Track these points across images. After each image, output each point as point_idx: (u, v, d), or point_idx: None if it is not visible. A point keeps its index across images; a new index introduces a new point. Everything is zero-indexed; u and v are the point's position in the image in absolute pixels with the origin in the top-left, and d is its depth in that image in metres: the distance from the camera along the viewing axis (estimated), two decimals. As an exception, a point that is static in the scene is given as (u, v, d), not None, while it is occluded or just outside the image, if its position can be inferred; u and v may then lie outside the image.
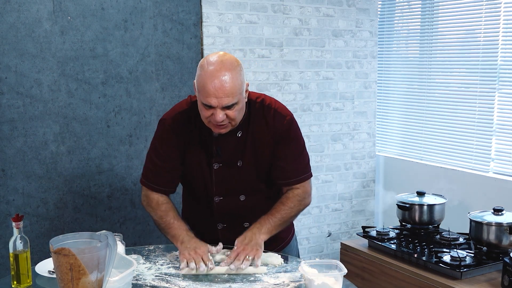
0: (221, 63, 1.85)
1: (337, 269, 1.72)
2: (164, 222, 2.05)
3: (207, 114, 1.89)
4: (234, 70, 1.86)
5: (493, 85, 3.25)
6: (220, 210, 2.09)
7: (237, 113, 1.90)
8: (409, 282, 2.39)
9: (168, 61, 3.26)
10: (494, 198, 3.10)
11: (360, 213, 4.08)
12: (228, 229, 2.12)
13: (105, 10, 3.05)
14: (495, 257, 2.35)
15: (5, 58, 2.84)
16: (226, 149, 2.02)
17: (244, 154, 2.02)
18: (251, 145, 2.02)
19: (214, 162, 2.03)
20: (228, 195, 2.07)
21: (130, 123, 3.19)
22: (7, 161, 2.90)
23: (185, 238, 1.96)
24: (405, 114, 3.94)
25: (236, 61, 1.91)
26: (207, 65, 1.86)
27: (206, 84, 1.84)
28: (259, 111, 2.02)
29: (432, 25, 3.68)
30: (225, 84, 1.82)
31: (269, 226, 1.98)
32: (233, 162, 2.03)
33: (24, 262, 1.75)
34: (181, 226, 2.02)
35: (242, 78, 1.89)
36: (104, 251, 1.43)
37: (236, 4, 3.43)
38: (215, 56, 1.89)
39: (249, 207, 2.09)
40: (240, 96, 1.88)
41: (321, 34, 3.75)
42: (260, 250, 1.91)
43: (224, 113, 1.86)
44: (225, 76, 1.83)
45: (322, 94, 3.81)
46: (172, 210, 2.06)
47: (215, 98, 1.83)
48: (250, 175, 2.05)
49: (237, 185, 2.06)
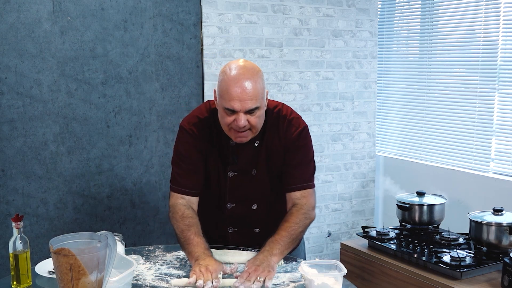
0: (244, 68, 1.89)
1: (337, 269, 1.72)
2: (184, 237, 1.96)
3: (229, 120, 1.91)
4: (256, 75, 1.90)
5: (493, 85, 3.25)
6: (231, 216, 2.11)
7: (258, 119, 1.93)
8: (409, 282, 2.39)
9: (168, 61, 3.26)
10: (494, 198, 3.10)
11: (360, 213, 4.08)
12: (238, 232, 2.13)
13: (105, 10, 3.05)
14: (495, 257, 2.35)
15: (5, 58, 2.84)
16: (242, 158, 2.04)
17: (258, 163, 2.05)
18: (265, 154, 2.05)
19: (230, 170, 2.06)
20: (241, 202, 2.09)
21: (130, 123, 3.19)
22: (7, 161, 2.90)
23: (200, 255, 1.86)
24: (405, 114, 3.94)
25: (257, 67, 1.95)
26: (229, 71, 1.89)
27: (230, 88, 1.86)
28: (275, 121, 2.05)
29: (432, 25, 3.68)
30: (248, 87, 1.85)
31: (279, 247, 1.92)
32: (248, 170, 2.06)
33: (24, 262, 1.75)
34: (200, 244, 1.92)
35: (263, 84, 1.92)
36: (104, 251, 1.43)
37: (236, 4, 3.43)
38: (237, 62, 1.93)
39: (261, 215, 2.10)
40: (262, 102, 1.91)
41: (321, 34, 3.75)
42: (273, 272, 1.83)
43: (246, 118, 1.88)
44: (248, 80, 1.86)
45: (322, 94, 3.81)
46: (195, 226, 1.98)
47: (238, 102, 1.86)
48: (263, 184, 2.07)
49: (250, 193, 2.08)
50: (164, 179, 3.32)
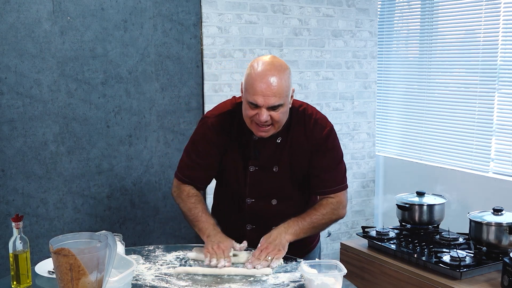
0: (271, 64, 1.90)
1: (337, 269, 1.72)
2: (192, 215, 2.07)
3: (252, 113, 1.92)
4: (283, 72, 1.90)
5: (493, 85, 3.25)
6: (250, 212, 2.12)
7: (281, 115, 1.93)
8: (409, 282, 2.39)
9: (167, 61, 3.26)
10: (493, 198, 3.10)
11: (360, 213, 4.08)
12: (256, 230, 2.13)
13: (104, 10, 3.05)
14: (494, 257, 2.35)
15: (5, 58, 2.84)
16: (264, 153, 2.05)
17: (280, 160, 2.05)
18: (289, 152, 2.05)
19: (251, 164, 2.06)
20: (260, 198, 2.10)
21: (130, 123, 3.19)
22: (7, 161, 2.90)
23: (211, 232, 1.98)
24: (405, 114, 3.94)
25: (286, 65, 1.95)
26: (257, 65, 1.91)
27: (255, 83, 1.88)
28: (300, 120, 2.06)
29: (432, 25, 3.68)
30: (273, 84, 1.86)
31: (296, 228, 1.98)
32: (269, 166, 2.06)
33: (24, 262, 1.75)
34: (209, 220, 2.04)
35: (289, 82, 1.93)
36: (104, 251, 1.43)
37: (236, 4, 3.43)
38: (266, 57, 1.94)
39: (280, 211, 2.10)
40: (286, 99, 1.92)
41: (321, 34, 3.75)
42: (283, 251, 1.90)
43: (268, 113, 1.89)
44: (274, 77, 1.87)
45: (322, 94, 3.81)
46: (201, 203, 2.09)
47: (262, 97, 1.87)
48: (284, 181, 2.08)
49: (270, 189, 2.09)
50: (164, 179, 3.32)
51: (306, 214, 2.03)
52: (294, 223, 1.99)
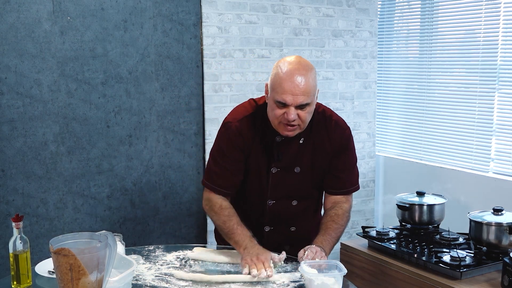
0: (299, 64, 1.92)
1: (337, 269, 1.72)
2: (227, 228, 2.02)
3: (279, 113, 1.93)
4: (310, 71, 1.93)
5: (493, 85, 3.25)
6: (271, 213, 2.13)
7: (308, 115, 1.95)
8: (409, 282, 2.39)
9: (168, 61, 3.26)
10: (493, 198, 3.10)
11: (360, 213, 4.08)
12: (274, 231, 2.15)
13: (104, 10, 3.05)
14: (495, 257, 2.34)
15: (5, 58, 2.84)
16: (286, 154, 2.06)
17: (302, 160, 2.08)
18: (311, 152, 2.07)
19: (273, 166, 2.07)
20: (282, 199, 2.12)
21: (130, 123, 3.19)
22: (7, 161, 2.90)
23: (248, 244, 1.94)
24: (405, 114, 3.94)
25: (311, 64, 1.97)
26: (284, 65, 1.92)
27: (284, 81, 1.89)
28: (321, 121, 2.08)
29: (432, 25, 3.68)
30: (302, 82, 1.88)
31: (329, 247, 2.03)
32: (291, 167, 2.08)
33: (24, 262, 1.75)
34: (245, 232, 1.99)
35: (315, 81, 1.95)
36: (104, 251, 1.43)
37: (236, 4, 3.43)
38: (292, 57, 1.96)
39: (300, 212, 2.14)
40: (313, 98, 1.94)
41: (321, 34, 3.75)
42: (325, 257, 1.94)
43: (296, 112, 1.91)
44: (302, 76, 1.89)
45: (322, 94, 3.81)
46: (235, 216, 2.04)
47: (291, 95, 1.88)
48: (306, 181, 2.10)
49: (292, 190, 2.11)
50: (164, 179, 3.32)
51: (331, 230, 2.06)
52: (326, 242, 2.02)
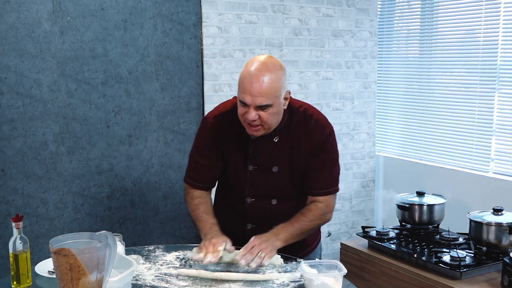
0: (264, 64, 1.90)
1: (337, 269, 1.72)
2: (194, 216, 2.10)
3: (242, 111, 1.94)
4: (274, 73, 1.89)
5: (493, 85, 3.25)
6: (251, 211, 2.13)
7: (270, 116, 1.92)
8: (409, 282, 2.39)
9: (167, 61, 3.26)
10: (493, 198, 3.10)
11: (360, 213, 4.08)
12: (256, 230, 2.13)
13: (104, 10, 3.05)
14: (494, 257, 2.35)
15: (5, 58, 2.84)
16: (262, 152, 2.05)
17: (280, 160, 2.06)
18: (288, 152, 2.05)
19: (250, 163, 2.07)
20: (261, 197, 2.11)
21: (130, 123, 3.19)
22: (7, 161, 2.90)
23: (208, 231, 2.00)
24: (405, 114, 3.94)
25: (280, 65, 1.94)
26: (250, 64, 1.92)
27: (244, 81, 1.89)
28: (301, 120, 2.06)
29: (432, 25, 3.68)
30: (261, 84, 1.86)
31: (286, 234, 1.97)
32: (268, 166, 2.07)
33: (24, 262, 1.75)
34: (208, 220, 2.05)
35: (281, 82, 1.92)
36: (104, 251, 1.43)
37: (236, 4, 3.43)
38: (261, 57, 1.95)
39: (280, 211, 2.11)
40: (275, 100, 1.91)
41: (321, 34, 3.75)
42: (274, 252, 1.90)
43: (256, 113, 1.90)
44: (264, 77, 1.87)
45: (322, 94, 3.81)
46: (204, 204, 2.11)
47: (249, 96, 1.88)
48: (284, 181, 2.08)
49: (270, 189, 2.09)
50: (164, 179, 3.32)
51: (295, 220, 2.02)
52: (283, 229, 1.98)
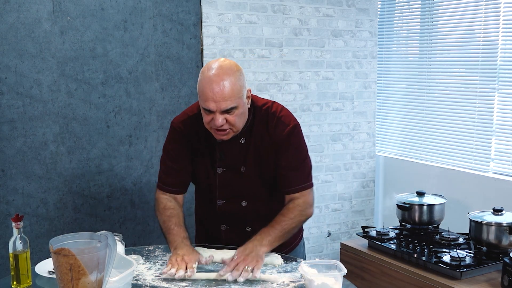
0: (220, 68, 1.88)
1: (337, 269, 1.72)
2: (165, 227, 2.05)
3: (208, 119, 1.92)
4: (232, 75, 1.88)
5: (493, 85, 3.25)
6: (222, 213, 2.12)
7: (237, 118, 1.91)
8: (409, 282, 2.39)
9: (167, 61, 3.26)
10: (493, 198, 3.10)
11: (360, 213, 4.08)
12: (231, 230, 2.15)
13: (104, 10, 3.05)
14: (495, 257, 2.35)
15: (5, 58, 2.84)
16: (229, 154, 2.05)
17: (247, 160, 2.04)
18: (254, 152, 2.04)
19: (218, 166, 2.07)
20: (231, 199, 2.10)
21: (130, 123, 3.19)
22: (7, 161, 2.90)
23: (179, 245, 1.94)
24: (405, 114, 3.94)
25: (236, 66, 1.92)
26: (206, 71, 1.89)
27: (205, 89, 1.87)
28: (263, 118, 2.04)
29: (432, 25, 3.68)
30: (223, 88, 1.85)
31: (270, 238, 1.95)
32: (237, 167, 2.06)
33: (24, 262, 1.75)
34: (179, 233, 2.00)
35: (241, 83, 1.90)
36: (104, 251, 1.43)
37: (236, 4, 3.43)
38: (215, 62, 1.92)
39: (251, 212, 2.10)
40: (239, 101, 1.89)
41: (321, 34, 3.75)
42: (261, 261, 1.87)
43: (223, 117, 1.88)
44: (223, 81, 1.85)
45: (322, 94, 3.81)
46: (176, 217, 2.05)
47: (213, 102, 1.86)
48: (253, 181, 2.07)
49: (240, 190, 2.08)
50: (164, 179, 3.32)
51: (275, 222, 2.00)
52: (266, 233, 1.96)
